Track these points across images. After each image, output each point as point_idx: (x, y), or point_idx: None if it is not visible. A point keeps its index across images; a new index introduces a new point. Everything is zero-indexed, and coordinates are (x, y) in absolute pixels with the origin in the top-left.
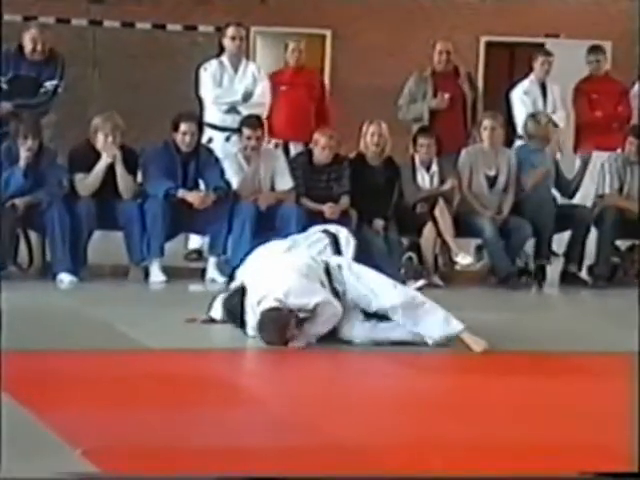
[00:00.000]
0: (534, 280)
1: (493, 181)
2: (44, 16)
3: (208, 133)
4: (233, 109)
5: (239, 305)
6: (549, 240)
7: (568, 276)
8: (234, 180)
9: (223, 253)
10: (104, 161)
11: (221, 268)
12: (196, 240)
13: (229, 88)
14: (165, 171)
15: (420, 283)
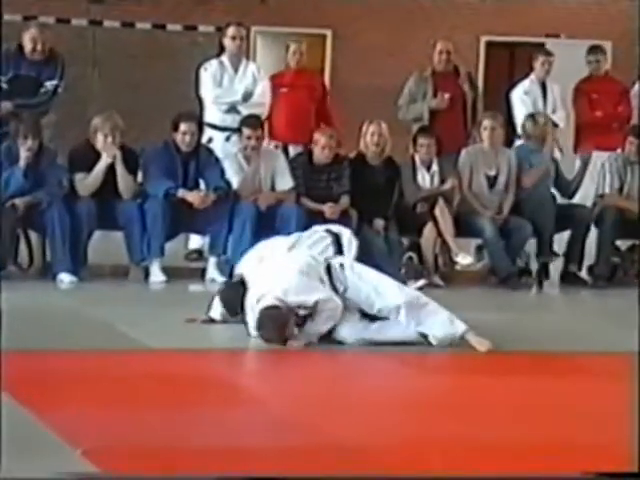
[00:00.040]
0: (537, 278)
1: (493, 181)
2: (44, 16)
3: (208, 133)
4: (233, 109)
5: (238, 297)
6: (550, 239)
7: (568, 276)
8: (234, 180)
9: (223, 253)
10: (104, 161)
11: (221, 268)
12: (196, 240)
13: (229, 88)
14: (165, 171)
15: (420, 283)
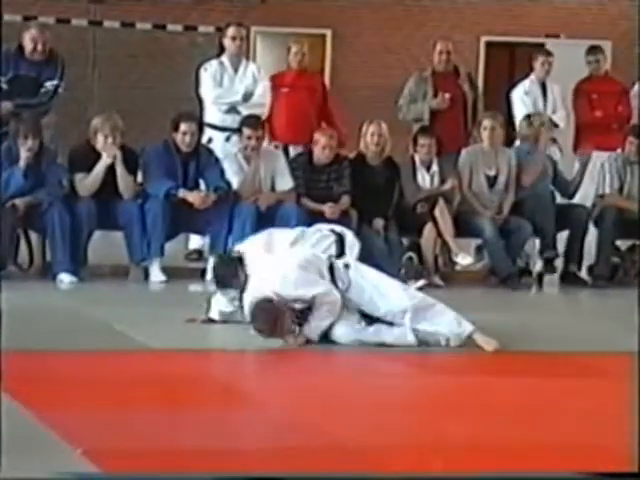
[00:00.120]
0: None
1: (493, 181)
2: (44, 16)
3: (208, 133)
4: (233, 109)
5: (231, 273)
6: (553, 237)
7: (568, 276)
8: (234, 180)
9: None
10: (104, 161)
11: None
12: (196, 240)
13: (229, 88)
14: (165, 171)
15: (420, 283)
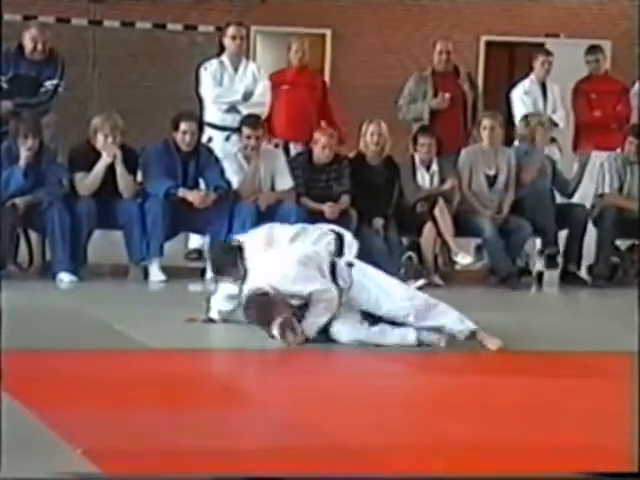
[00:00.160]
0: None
1: (493, 180)
2: (44, 15)
3: (208, 132)
4: (233, 108)
5: (229, 261)
6: (555, 235)
7: (568, 276)
8: (234, 179)
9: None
10: (104, 161)
11: None
12: (196, 239)
13: (229, 87)
14: (165, 170)
15: (420, 283)
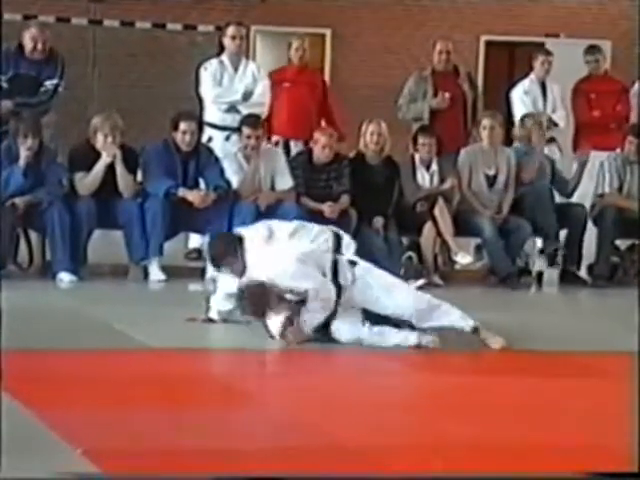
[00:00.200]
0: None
1: (492, 180)
2: (44, 15)
3: (208, 132)
4: (233, 108)
5: (227, 252)
6: (556, 234)
7: (568, 276)
8: (234, 179)
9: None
10: (104, 160)
11: None
12: (196, 239)
13: (229, 87)
14: (165, 170)
15: (420, 282)
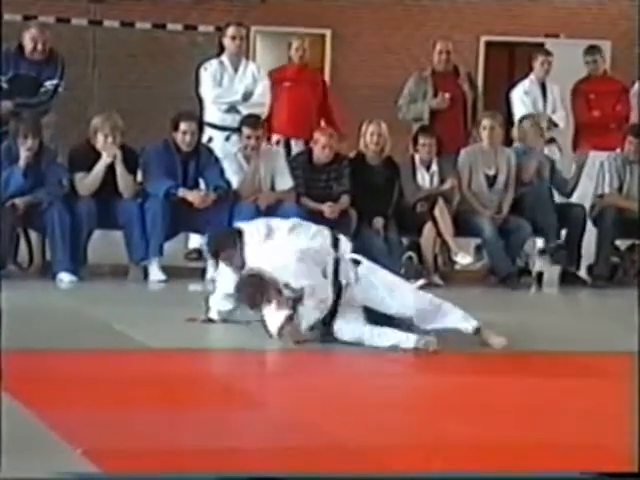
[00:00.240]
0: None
1: (492, 180)
2: (44, 15)
3: (208, 132)
4: (233, 108)
5: (226, 244)
6: (556, 230)
7: (568, 276)
8: (234, 179)
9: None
10: (104, 161)
11: None
12: (196, 239)
13: (229, 88)
14: (165, 170)
15: (420, 283)
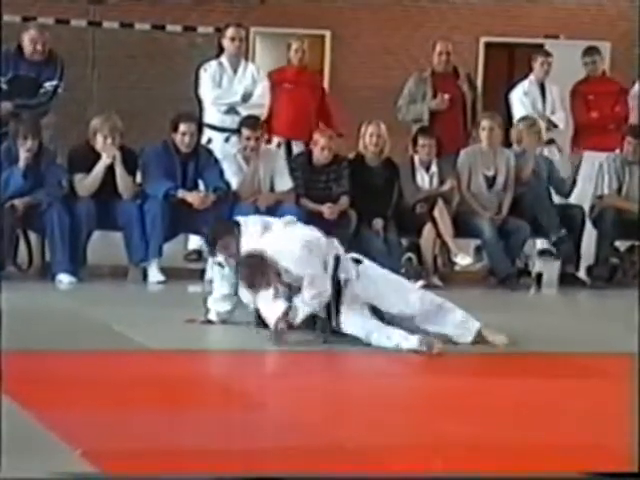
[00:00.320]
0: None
1: (492, 181)
2: (43, 17)
3: (207, 134)
4: (232, 110)
5: (230, 232)
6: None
7: (567, 277)
8: (233, 181)
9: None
10: (103, 162)
11: None
12: (195, 241)
13: (228, 89)
14: (165, 171)
15: (419, 284)
